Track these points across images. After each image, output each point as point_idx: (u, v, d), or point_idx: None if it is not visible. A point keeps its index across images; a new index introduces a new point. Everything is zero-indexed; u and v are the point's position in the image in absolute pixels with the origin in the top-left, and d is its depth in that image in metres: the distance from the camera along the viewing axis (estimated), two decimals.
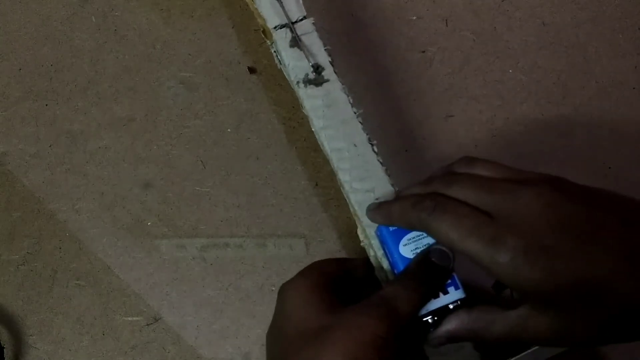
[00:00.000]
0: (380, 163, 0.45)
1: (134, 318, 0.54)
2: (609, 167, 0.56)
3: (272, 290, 0.54)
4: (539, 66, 0.59)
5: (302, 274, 0.41)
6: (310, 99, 0.46)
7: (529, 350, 0.41)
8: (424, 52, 0.60)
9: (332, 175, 0.56)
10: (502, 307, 0.36)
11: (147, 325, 0.54)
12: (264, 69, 0.60)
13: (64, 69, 0.61)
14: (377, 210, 0.41)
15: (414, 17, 0.61)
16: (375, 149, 0.45)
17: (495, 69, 0.59)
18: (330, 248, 0.55)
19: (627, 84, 0.58)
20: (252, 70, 0.60)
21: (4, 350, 0.53)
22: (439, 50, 0.60)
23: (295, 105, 0.58)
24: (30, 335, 0.54)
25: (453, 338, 0.38)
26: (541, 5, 0.61)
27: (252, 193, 0.56)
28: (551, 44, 0.60)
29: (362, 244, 0.44)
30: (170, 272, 0.55)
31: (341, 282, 0.41)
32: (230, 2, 0.62)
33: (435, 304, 0.39)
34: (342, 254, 0.55)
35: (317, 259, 0.54)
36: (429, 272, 0.38)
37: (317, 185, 0.56)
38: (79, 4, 0.63)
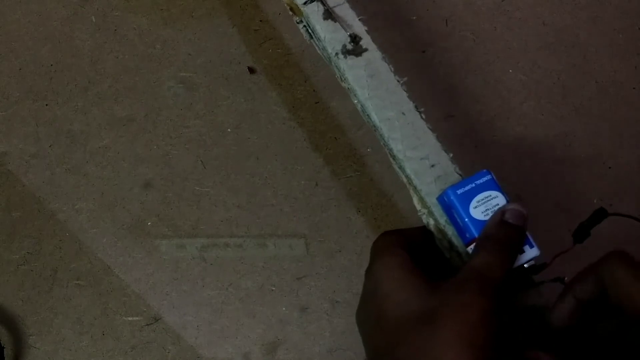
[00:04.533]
0: (431, 130, 0.44)
1: (134, 318, 0.54)
2: (609, 167, 0.56)
3: (272, 290, 0.54)
4: (539, 66, 0.59)
5: (384, 253, 0.39)
6: (353, 70, 0.45)
7: None
8: (424, 52, 0.60)
9: (332, 175, 0.56)
10: None
11: (147, 325, 0.54)
12: (264, 69, 0.60)
13: (64, 69, 0.61)
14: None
15: (414, 17, 0.61)
16: (424, 116, 0.44)
17: (495, 69, 0.59)
18: (330, 248, 0.55)
19: (627, 84, 0.58)
20: (252, 70, 0.60)
21: (4, 350, 0.53)
22: (439, 50, 0.60)
23: (295, 105, 0.58)
24: (30, 335, 0.54)
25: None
26: (541, 5, 0.61)
27: (252, 193, 0.56)
28: (551, 44, 0.60)
29: (419, 213, 0.43)
30: (170, 272, 0.55)
31: (410, 253, 0.40)
32: (230, 2, 0.62)
33: None
34: (343, 254, 0.55)
35: (317, 259, 0.54)
36: (509, 234, 0.38)
37: (317, 185, 0.56)
38: (79, 4, 0.63)
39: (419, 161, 0.43)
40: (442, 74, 0.59)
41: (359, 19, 0.47)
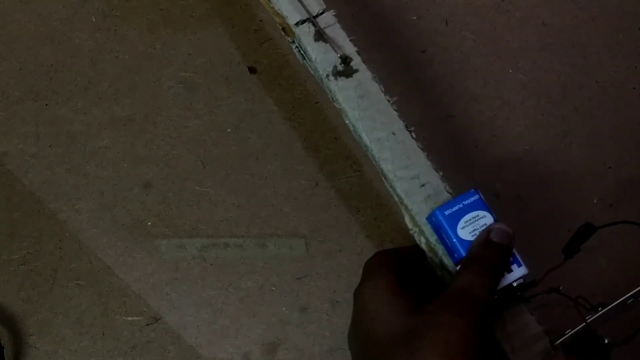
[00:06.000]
0: (421, 149, 0.44)
1: (134, 318, 0.54)
2: (609, 167, 0.56)
3: (272, 290, 0.54)
4: (539, 66, 0.59)
5: (373, 274, 0.40)
6: (343, 91, 0.46)
7: None
8: (424, 52, 0.60)
9: (332, 175, 0.56)
10: None
11: (147, 325, 0.54)
12: (264, 69, 0.60)
13: (64, 69, 0.61)
14: None
15: (414, 17, 0.61)
16: (414, 135, 0.45)
17: (495, 69, 0.59)
18: (330, 248, 0.55)
19: (627, 84, 0.58)
20: (252, 70, 0.60)
21: (4, 350, 0.53)
22: (439, 50, 0.60)
23: (295, 105, 0.58)
24: (30, 335, 0.54)
25: None
26: (541, 5, 0.61)
27: (252, 193, 0.56)
28: (551, 44, 0.60)
29: (410, 232, 0.44)
30: (170, 272, 0.55)
31: (401, 273, 0.41)
32: (230, 2, 0.62)
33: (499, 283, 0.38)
34: (343, 254, 0.55)
35: (317, 259, 0.54)
36: (493, 254, 0.38)
37: (317, 185, 0.56)
38: (79, 4, 0.63)
39: (409, 181, 0.43)
40: (442, 74, 0.59)
41: (350, 40, 0.47)
